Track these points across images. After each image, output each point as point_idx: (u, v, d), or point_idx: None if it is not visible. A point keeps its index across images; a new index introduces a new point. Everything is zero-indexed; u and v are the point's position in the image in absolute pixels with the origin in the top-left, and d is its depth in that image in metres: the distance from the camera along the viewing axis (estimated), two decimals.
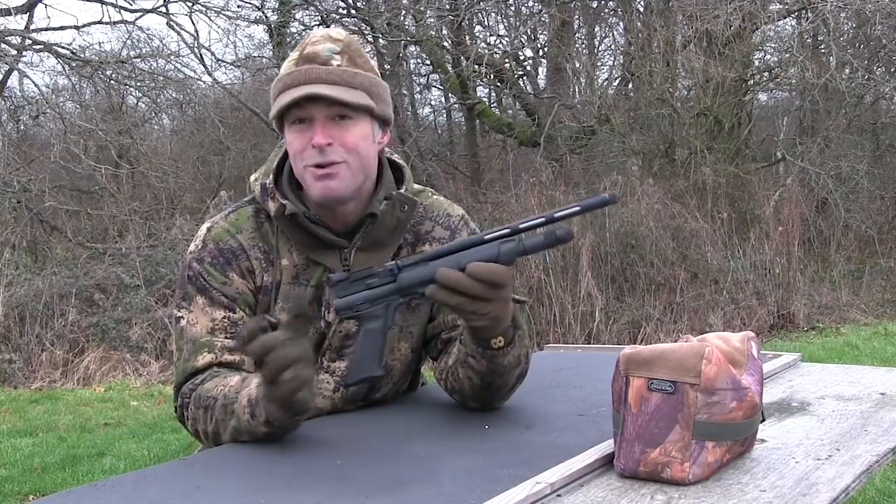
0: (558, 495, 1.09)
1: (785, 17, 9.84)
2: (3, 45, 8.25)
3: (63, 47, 8.60)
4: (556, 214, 1.21)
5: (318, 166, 1.43)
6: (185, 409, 1.44)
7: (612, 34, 11.86)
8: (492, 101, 12.14)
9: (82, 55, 8.83)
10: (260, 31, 12.22)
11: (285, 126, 1.48)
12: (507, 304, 1.32)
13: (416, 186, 1.63)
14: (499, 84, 11.26)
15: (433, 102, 13.30)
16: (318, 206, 1.50)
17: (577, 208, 1.20)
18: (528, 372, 1.50)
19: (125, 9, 8.98)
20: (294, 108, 1.43)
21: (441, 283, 1.25)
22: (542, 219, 1.22)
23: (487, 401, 1.48)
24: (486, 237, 1.27)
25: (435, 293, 1.27)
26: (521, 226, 1.24)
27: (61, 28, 10.04)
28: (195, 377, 1.45)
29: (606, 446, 1.20)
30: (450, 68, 11.01)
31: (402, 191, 1.54)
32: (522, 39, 11.38)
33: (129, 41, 9.55)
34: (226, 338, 1.46)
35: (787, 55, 9.76)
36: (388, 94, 1.53)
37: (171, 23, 9.06)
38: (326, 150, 1.42)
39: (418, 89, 12.78)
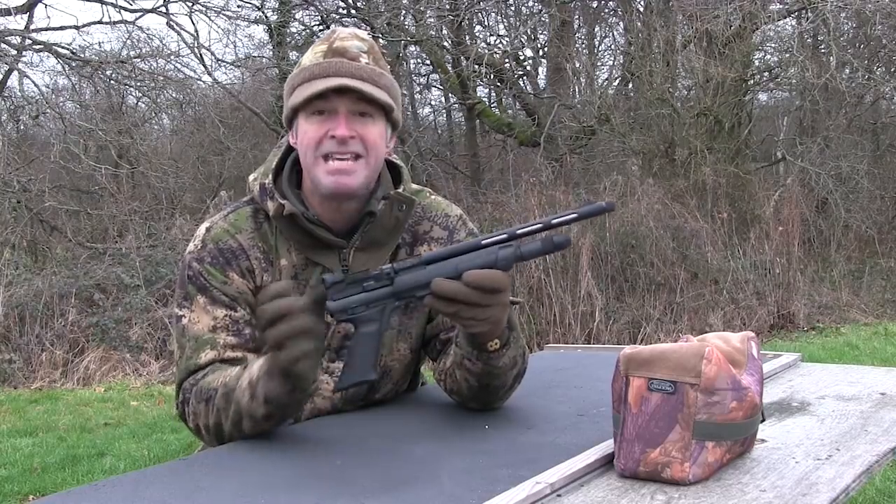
0: (558, 495, 1.09)
1: (785, 17, 9.85)
2: (3, 45, 8.24)
3: (63, 47, 8.61)
4: (554, 221, 1.22)
5: (335, 159, 1.42)
6: (187, 404, 1.43)
7: (612, 34, 11.88)
8: (492, 101, 12.14)
9: (82, 55, 8.83)
10: (260, 31, 12.25)
11: (301, 116, 1.45)
12: (506, 308, 1.32)
13: (414, 186, 1.63)
14: (499, 84, 11.26)
15: (433, 102, 13.34)
16: (322, 202, 1.49)
17: (575, 215, 1.21)
18: (526, 371, 1.50)
19: (125, 9, 8.99)
20: (317, 100, 1.42)
21: (437, 293, 1.25)
22: (540, 224, 1.23)
23: (486, 401, 1.48)
24: (484, 242, 1.26)
25: (432, 303, 1.27)
26: (519, 231, 1.24)
27: (61, 28, 10.06)
28: (197, 373, 1.44)
29: (606, 446, 1.20)
30: (450, 68, 11.02)
31: (399, 190, 1.53)
32: (522, 39, 11.39)
33: (129, 41, 9.57)
34: (228, 336, 1.46)
35: (787, 55, 9.76)
36: (400, 100, 1.53)
37: (171, 23, 9.08)
38: (349, 142, 1.42)
39: (418, 89, 12.80)
